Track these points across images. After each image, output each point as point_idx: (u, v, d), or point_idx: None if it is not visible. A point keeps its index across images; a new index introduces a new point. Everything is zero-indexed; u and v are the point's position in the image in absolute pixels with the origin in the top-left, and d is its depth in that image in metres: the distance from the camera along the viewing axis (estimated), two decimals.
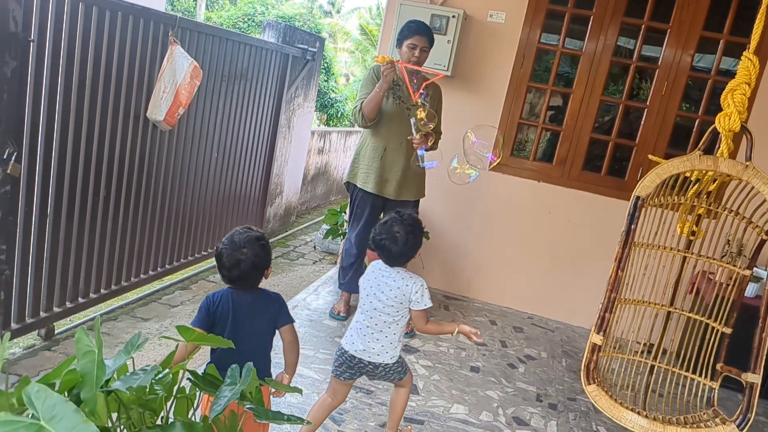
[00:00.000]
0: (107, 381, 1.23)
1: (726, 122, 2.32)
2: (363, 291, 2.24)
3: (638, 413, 2.31)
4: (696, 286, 3.56)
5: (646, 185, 2.36)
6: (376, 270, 2.25)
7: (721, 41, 3.81)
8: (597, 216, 4.04)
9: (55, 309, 3.19)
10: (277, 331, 1.96)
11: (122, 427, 1.27)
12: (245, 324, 1.83)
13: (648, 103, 4.00)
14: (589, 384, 2.35)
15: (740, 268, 2.58)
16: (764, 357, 2.25)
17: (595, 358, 2.37)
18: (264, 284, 2.07)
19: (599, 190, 4.07)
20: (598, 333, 2.38)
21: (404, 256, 2.19)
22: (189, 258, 4.34)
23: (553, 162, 4.18)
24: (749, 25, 3.68)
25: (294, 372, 1.98)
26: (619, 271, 2.39)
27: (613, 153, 4.12)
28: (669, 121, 3.96)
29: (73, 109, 3.03)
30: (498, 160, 2.78)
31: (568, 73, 4.73)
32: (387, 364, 2.21)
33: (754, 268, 3.47)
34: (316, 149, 7.69)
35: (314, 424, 2.26)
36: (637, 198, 2.38)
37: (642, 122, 4.04)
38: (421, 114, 2.93)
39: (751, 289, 3.49)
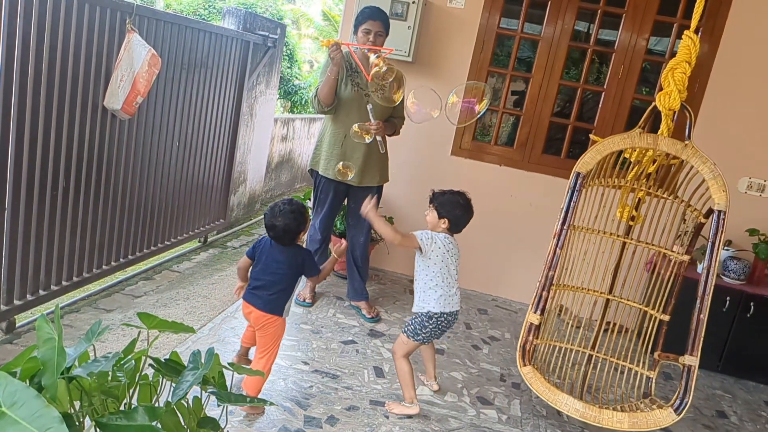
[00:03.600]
0: (69, 368, 1.25)
1: (666, 101, 2.31)
2: (442, 265, 2.58)
3: (574, 397, 2.30)
4: (653, 264, 3.68)
5: (586, 161, 2.36)
6: (447, 244, 2.60)
7: (674, 25, 3.91)
8: (557, 198, 4.07)
9: (16, 302, 3.13)
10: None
11: (85, 414, 1.28)
12: (272, 266, 2.41)
13: (605, 87, 4.10)
14: (525, 365, 2.34)
15: (678, 254, 2.58)
16: (702, 339, 2.24)
17: (531, 338, 2.35)
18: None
19: (559, 173, 4.16)
20: (535, 312, 2.37)
21: None
22: (152, 248, 4.29)
23: (514, 146, 4.26)
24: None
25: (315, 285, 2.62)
26: (558, 248, 2.39)
27: (573, 136, 4.22)
28: (626, 104, 4.06)
29: (30, 99, 2.96)
30: (483, 103, 2.74)
31: (529, 58, 4.81)
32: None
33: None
34: (280, 136, 7.64)
35: (413, 395, 2.65)
36: (578, 174, 2.38)
37: (599, 105, 4.15)
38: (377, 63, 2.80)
39: None
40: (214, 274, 4.48)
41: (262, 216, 6.72)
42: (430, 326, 2.60)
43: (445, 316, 2.60)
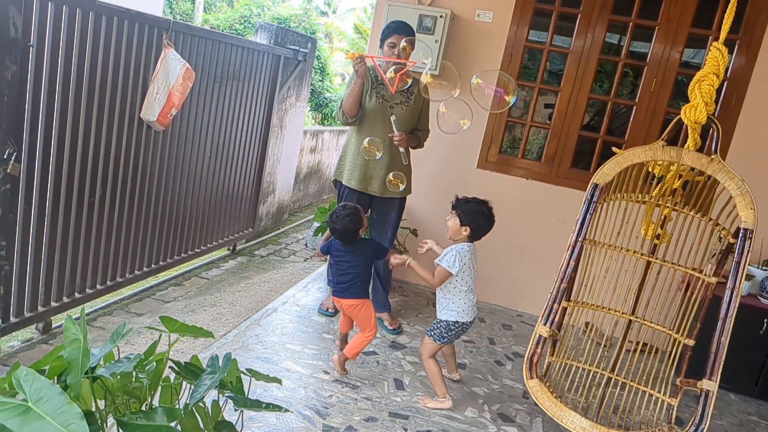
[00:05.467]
0: (94, 368, 1.31)
1: (692, 113, 2.23)
2: (469, 272, 2.69)
3: (581, 414, 2.20)
4: (687, 282, 3.59)
5: (604, 173, 2.28)
6: (471, 257, 2.70)
7: (710, 37, 3.82)
8: None
9: (53, 303, 3.27)
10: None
11: (108, 412, 1.34)
12: (344, 266, 2.85)
13: (637, 100, 4.04)
14: (531, 378, 2.26)
15: (707, 275, 2.47)
16: (722, 363, 2.13)
17: (539, 350, 2.27)
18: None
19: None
20: (545, 324, 2.30)
21: None
22: (182, 255, 4.41)
23: (542, 160, 4.24)
24: (738, 20, 3.68)
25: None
26: (571, 261, 2.32)
27: (602, 150, 4.17)
28: (658, 117, 3.99)
29: (71, 111, 3.11)
30: (510, 98, 2.72)
31: (561, 71, 4.79)
32: None
33: (747, 267, 3.50)
34: (309, 148, 7.75)
35: (445, 390, 2.81)
36: (595, 186, 2.31)
37: (631, 119, 4.09)
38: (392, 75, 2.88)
39: (743, 288, 3.52)
40: (241, 282, 4.57)
41: (291, 226, 6.83)
42: (455, 331, 2.77)
43: (467, 324, 2.76)
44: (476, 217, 2.68)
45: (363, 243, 2.87)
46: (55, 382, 1.27)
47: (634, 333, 2.88)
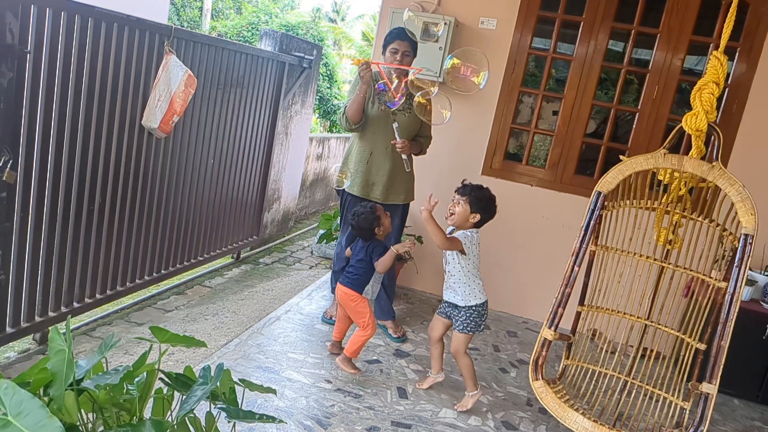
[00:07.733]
0: (81, 380, 1.27)
1: (693, 122, 2.27)
2: (477, 259, 2.73)
3: (585, 416, 2.22)
4: (691, 289, 3.56)
5: (608, 181, 2.31)
6: (478, 238, 2.70)
7: (711, 45, 3.82)
8: None
9: (50, 313, 3.23)
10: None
11: (97, 426, 1.30)
12: (355, 254, 3.04)
13: (639, 107, 4.02)
14: (537, 379, 2.30)
15: (716, 280, 2.49)
16: (721, 366, 2.15)
17: (544, 353, 2.31)
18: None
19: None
20: (549, 328, 2.33)
21: None
22: (185, 263, 4.38)
23: (546, 166, 4.20)
24: (738, 28, 3.66)
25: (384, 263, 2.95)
26: (575, 266, 2.34)
27: (606, 157, 4.13)
28: (661, 124, 3.97)
29: (69, 118, 3.08)
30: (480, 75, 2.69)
31: (565, 78, 4.76)
32: None
33: (749, 272, 3.48)
34: (315, 155, 7.74)
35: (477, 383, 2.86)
36: (599, 194, 2.33)
37: (633, 126, 4.06)
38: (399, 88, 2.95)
39: (745, 293, 3.49)
40: (244, 290, 4.53)
41: (296, 233, 6.82)
42: (485, 313, 2.77)
43: (487, 303, 2.79)
44: (489, 205, 2.67)
45: (371, 244, 3.00)
46: (42, 394, 1.24)
47: (649, 339, 2.86)
